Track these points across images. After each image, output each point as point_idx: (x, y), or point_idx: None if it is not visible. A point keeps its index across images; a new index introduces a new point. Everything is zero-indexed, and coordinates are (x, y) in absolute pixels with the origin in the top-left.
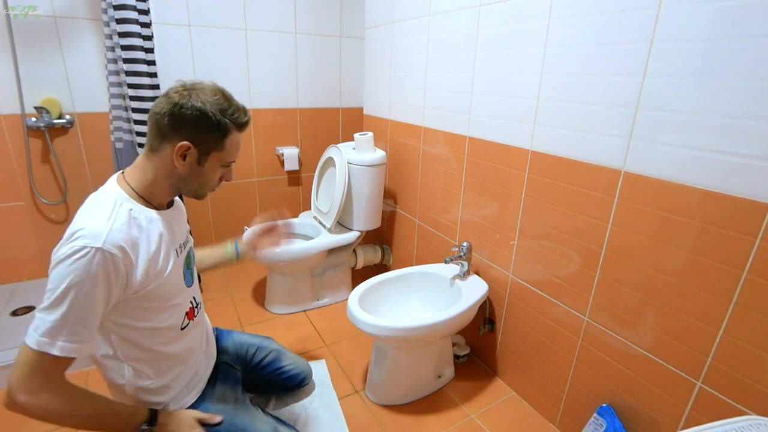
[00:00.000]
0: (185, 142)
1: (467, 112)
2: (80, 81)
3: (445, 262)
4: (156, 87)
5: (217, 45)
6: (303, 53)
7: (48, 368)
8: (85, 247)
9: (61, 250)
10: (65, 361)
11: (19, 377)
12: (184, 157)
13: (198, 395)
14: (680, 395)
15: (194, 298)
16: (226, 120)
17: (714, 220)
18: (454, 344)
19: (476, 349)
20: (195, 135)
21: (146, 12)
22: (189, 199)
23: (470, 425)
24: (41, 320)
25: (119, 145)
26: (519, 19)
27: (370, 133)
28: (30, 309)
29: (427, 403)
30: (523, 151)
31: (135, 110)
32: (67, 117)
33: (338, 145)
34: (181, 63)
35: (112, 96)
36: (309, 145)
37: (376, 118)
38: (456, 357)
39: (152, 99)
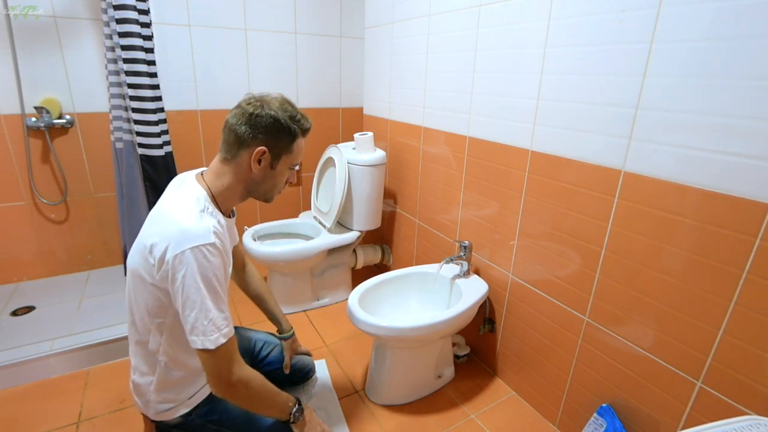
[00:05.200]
0: (262, 147)
1: (467, 112)
2: (80, 81)
3: (445, 262)
4: (156, 87)
5: (217, 45)
6: (303, 53)
7: (230, 352)
8: (198, 246)
9: (173, 255)
10: (234, 339)
11: (218, 371)
12: (259, 161)
13: (210, 390)
14: (680, 395)
15: None
16: (295, 126)
17: (714, 220)
18: (454, 344)
19: (476, 349)
20: (269, 140)
21: (146, 12)
22: None
23: (470, 425)
24: (202, 324)
25: (119, 145)
26: (519, 19)
27: (370, 133)
28: (30, 309)
29: (427, 403)
30: (523, 151)
31: (135, 110)
32: (67, 117)
33: (338, 145)
34: (181, 63)
35: (112, 96)
36: (309, 145)
37: (376, 118)
38: (456, 357)
39: (152, 99)
